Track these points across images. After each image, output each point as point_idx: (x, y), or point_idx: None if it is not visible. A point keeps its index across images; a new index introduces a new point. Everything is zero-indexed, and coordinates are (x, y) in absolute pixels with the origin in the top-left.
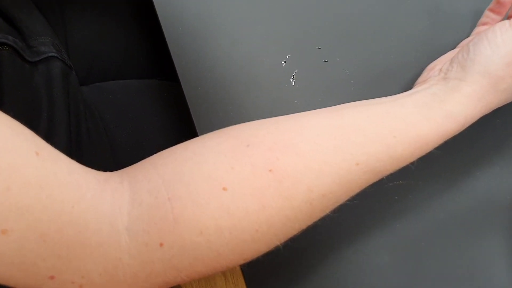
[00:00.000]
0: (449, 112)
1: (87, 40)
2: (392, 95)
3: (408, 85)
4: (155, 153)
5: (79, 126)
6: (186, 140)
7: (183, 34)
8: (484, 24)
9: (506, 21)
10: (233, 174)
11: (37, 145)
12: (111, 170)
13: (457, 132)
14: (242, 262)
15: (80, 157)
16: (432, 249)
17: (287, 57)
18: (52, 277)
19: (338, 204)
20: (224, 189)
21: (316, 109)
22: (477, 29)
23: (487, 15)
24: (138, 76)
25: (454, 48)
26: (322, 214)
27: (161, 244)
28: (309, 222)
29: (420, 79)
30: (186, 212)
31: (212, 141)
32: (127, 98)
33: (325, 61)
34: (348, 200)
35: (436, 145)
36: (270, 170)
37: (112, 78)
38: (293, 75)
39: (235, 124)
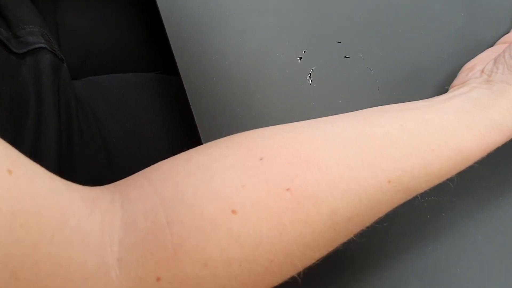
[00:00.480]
0: (494, 121)
1: (80, 29)
2: (424, 98)
3: (441, 87)
4: (154, 155)
5: (70, 125)
6: (189, 141)
7: (186, 24)
8: None
9: None
10: (244, 194)
11: (10, 160)
12: (104, 174)
13: (502, 144)
14: None
15: (71, 160)
16: (468, 276)
17: (303, 52)
18: None
19: (365, 227)
20: (234, 212)
21: (336, 112)
22: None
23: None
24: (137, 70)
25: (492, 45)
26: (345, 239)
27: (158, 279)
28: (330, 248)
29: (457, 80)
30: (188, 240)
31: (220, 152)
32: (123, 94)
33: (346, 57)
34: (377, 223)
35: (477, 159)
36: (287, 189)
37: (107, 71)
38: (310, 73)
39: (243, 129)
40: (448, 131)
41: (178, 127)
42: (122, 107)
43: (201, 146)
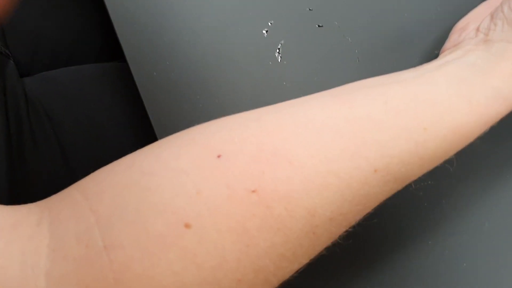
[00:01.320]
0: (496, 88)
1: (28, 18)
2: (412, 67)
3: (430, 52)
4: (116, 156)
5: (20, 128)
6: (152, 139)
7: (131, 2)
8: None
9: None
10: (199, 202)
11: None
12: (62, 180)
13: (505, 114)
14: None
15: (23, 166)
16: (477, 271)
17: (270, 24)
18: None
19: (350, 226)
20: (187, 225)
21: (311, 92)
22: None
23: None
24: (96, 59)
25: None
26: (328, 243)
27: None
28: (312, 256)
29: (448, 43)
30: (131, 267)
31: (169, 152)
32: (79, 88)
33: (319, 26)
34: (365, 220)
35: (478, 135)
36: (253, 191)
37: (63, 64)
38: (279, 48)
39: (205, 120)
40: (442, 106)
41: (141, 122)
42: (78, 103)
43: (148, 146)
